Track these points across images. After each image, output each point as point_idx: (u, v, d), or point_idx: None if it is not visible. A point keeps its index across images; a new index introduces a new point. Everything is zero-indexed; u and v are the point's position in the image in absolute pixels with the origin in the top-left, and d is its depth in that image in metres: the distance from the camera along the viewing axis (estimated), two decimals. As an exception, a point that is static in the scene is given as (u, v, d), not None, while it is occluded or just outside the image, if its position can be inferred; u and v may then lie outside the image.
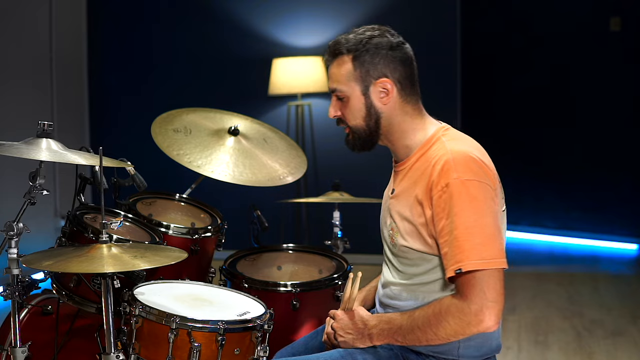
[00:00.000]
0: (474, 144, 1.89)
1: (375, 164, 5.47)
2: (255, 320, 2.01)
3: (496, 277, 1.74)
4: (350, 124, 1.94)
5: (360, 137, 1.94)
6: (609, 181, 6.14)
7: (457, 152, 1.81)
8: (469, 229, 1.73)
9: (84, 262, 1.88)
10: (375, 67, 1.88)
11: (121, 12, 5.89)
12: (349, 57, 1.89)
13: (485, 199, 1.76)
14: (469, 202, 1.75)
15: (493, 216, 1.77)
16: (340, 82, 1.91)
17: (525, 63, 6.39)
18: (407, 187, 1.90)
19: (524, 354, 3.81)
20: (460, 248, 1.74)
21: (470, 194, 1.75)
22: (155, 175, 3.20)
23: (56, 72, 5.39)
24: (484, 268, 1.72)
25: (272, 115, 5.55)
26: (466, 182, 1.76)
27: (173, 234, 2.56)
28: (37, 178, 2.03)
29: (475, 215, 1.74)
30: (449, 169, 1.77)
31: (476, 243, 1.73)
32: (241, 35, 5.62)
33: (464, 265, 1.73)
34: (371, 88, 1.89)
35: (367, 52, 1.87)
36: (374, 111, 1.90)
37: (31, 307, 2.44)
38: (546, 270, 5.57)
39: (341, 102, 1.93)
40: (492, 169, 1.84)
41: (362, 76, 1.89)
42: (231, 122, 2.98)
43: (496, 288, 1.74)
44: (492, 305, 1.73)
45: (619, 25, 5.96)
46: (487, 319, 1.74)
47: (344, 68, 1.90)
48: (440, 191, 1.77)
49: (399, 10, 5.37)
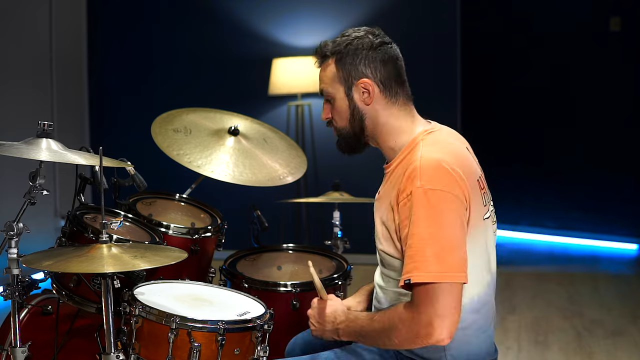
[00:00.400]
0: (453, 149, 1.84)
1: (375, 164, 5.46)
2: (255, 320, 2.01)
3: (449, 291, 1.67)
4: (338, 126, 1.95)
5: (346, 138, 1.95)
6: (609, 181, 6.14)
7: (427, 159, 1.76)
8: (424, 240, 1.69)
9: (84, 262, 1.88)
10: (356, 67, 1.88)
11: (121, 12, 5.89)
12: (332, 60, 1.90)
13: (447, 210, 1.71)
14: (428, 212, 1.70)
15: (453, 228, 1.71)
16: (327, 84, 1.93)
17: (525, 63, 6.39)
18: (387, 190, 1.88)
19: (524, 354, 3.81)
20: (411, 258, 1.70)
21: (430, 203, 1.70)
22: (155, 175, 3.20)
23: (56, 72, 5.39)
24: (433, 281, 1.67)
25: (272, 115, 5.55)
26: (428, 191, 1.71)
27: (173, 234, 2.56)
28: (37, 178, 2.03)
29: (433, 227, 1.69)
30: (414, 176, 1.74)
31: (428, 255, 1.68)
32: (241, 35, 5.62)
33: (413, 277, 1.69)
34: (353, 89, 1.89)
35: (348, 54, 1.88)
36: (357, 112, 1.90)
37: (31, 307, 2.44)
38: (546, 270, 5.57)
39: (330, 105, 1.95)
40: (465, 180, 1.77)
41: (345, 77, 1.89)
42: (231, 122, 2.98)
43: (447, 302, 1.67)
44: (442, 319, 1.67)
45: (619, 25, 5.96)
46: (436, 332, 1.67)
47: (329, 70, 1.91)
48: (405, 198, 1.74)
49: (399, 10, 5.37)
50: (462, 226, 1.74)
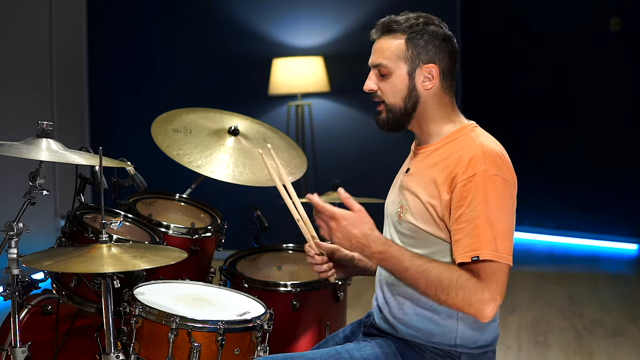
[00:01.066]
0: (499, 144, 1.93)
1: (375, 164, 5.49)
2: (255, 320, 2.01)
3: (506, 273, 1.77)
4: (388, 101, 1.94)
5: (395, 116, 1.95)
6: (609, 181, 6.14)
7: (487, 147, 1.85)
8: (489, 220, 1.77)
9: (84, 262, 1.89)
10: (428, 52, 1.92)
11: (121, 12, 5.89)
12: (402, 36, 1.93)
13: (506, 196, 1.81)
14: (493, 195, 1.79)
15: (511, 214, 1.82)
16: (388, 58, 1.93)
17: (525, 63, 6.39)
18: (424, 167, 1.92)
19: (524, 354, 3.81)
20: (479, 237, 1.76)
21: (495, 187, 1.79)
22: (155, 175, 3.20)
23: (56, 72, 5.39)
24: (499, 260, 1.75)
25: (272, 115, 5.55)
26: (493, 176, 1.80)
27: (173, 234, 2.56)
28: (37, 178, 2.03)
29: (496, 209, 1.78)
30: (477, 160, 1.81)
31: (495, 235, 1.76)
32: (241, 35, 5.62)
33: (482, 254, 1.75)
34: (417, 71, 1.92)
35: (422, 37, 1.92)
36: (415, 94, 1.93)
37: (31, 307, 2.44)
38: (546, 270, 5.57)
39: (381, 78, 1.95)
40: (513, 171, 1.88)
41: (412, 57, 1.92)
42: (231, 122, 2.98)
43: (504, 284, 1.76)
44: (498, 297, 1.74)
45: (619, 25, 5.96)
46: (490, 310, 1.74)
47: (395, 45, 1.93)
48: (466, 180, 1.80)
49: (399, 10, 5.32)
50: (514, 213, 1.85)
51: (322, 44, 5.47)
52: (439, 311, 1.88)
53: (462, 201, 1.80)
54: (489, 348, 1.94)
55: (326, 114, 5.50)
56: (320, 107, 5.46)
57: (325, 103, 5.47)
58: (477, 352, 1.92)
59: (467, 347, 1.90)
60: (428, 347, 1.90)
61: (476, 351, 1.91)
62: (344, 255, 2.07)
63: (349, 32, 5.45)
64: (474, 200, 1.78)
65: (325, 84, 5.26)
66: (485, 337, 1.92)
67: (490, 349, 1.95)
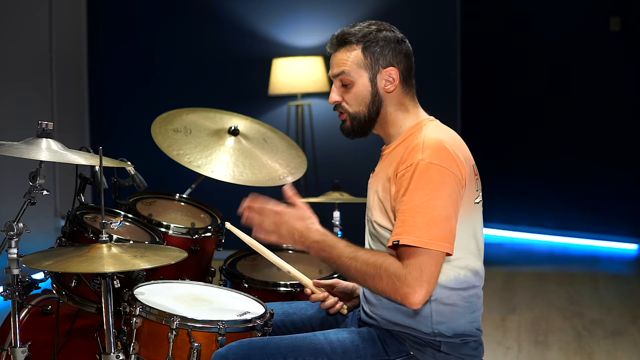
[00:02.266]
0: (453, 135, 1.96)
1: (374, 164, 5.48)
2: (255, 320, 2.01)
3: (434, 260, 1.79)
4: (351, 110, 2.01)
5: (360, 123, 2.02)
6: (609, 181, 6.14)
7: (430, 137, 1.89)
8: (417, 207, 1.80)
9: (84, 262, 1.89)
10: (385, 57, 1.97)
11: (121, 12, 5.89)
12: (358, 47, 1.98)
13: (442, 184, 1.82)
14: (425, 183, 1.82)
15: (446, 201, 1.82)
16: (349, 68, 1.98)
17: (525, 63, 6.39)
18: (383, 167, 1.99)
19: (524, 354, 3.81)
20: (403, 222, 1.81)
21: (429, 175, 1.82)
22: (155, 175, 3.20)
23: (56, 72, 5.39)
24: (422, 246, 1.77)
25: (272, 115, 5.55)
26: (428, 164, 1.83)
27: (173, 234, 2.56)
28: (37, 178, 2.04)
29: (427, 197, 1.80)
30: (417, 150, 1.86)
31: (419, 222, 1.79)
32: (241, 35, 5.62)
33: (402, 239, 1.79)
34: (378, 76, 1.98)
35: (377, 44, 1.97)
36: (378, 99, 1.99)
37: (31, 307, 2.44)
38: (546, 270, 5.57)
39: (344, 89, 2.01)
40: (464, 162, 1.89)
41: (371, 64, 1.98)
42: (231, 122, 2.98)
43: (431, 270, 1.78)
44: (425, 284, 1.77)
45: (619, 25, 5.96)
46: (416, 294, 1.77)
47: (353, 55, 1.98)
48: (404, 169, 1.86)
49: (399, 10, 5.37)
50: (456, 201, 1.85)
51: (322, 44, 5.46)
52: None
53: (401, 190, 1.85)
54: (471, 338, 1.95)
55: (326, 114, 5.49)
56: (320, 107, 5.46)
57: (325, 103, 5.46)
58: (457, 342, 1.93)
59: (445, 337, 1.92)
60: (408, 336, 1.93)
61: (456, 340, 1.93)
62: (343, 287, 2.18)
63: (349, 32, 5.45)
64: (407, 188, 1.83)
65: (325, 84, 5.26)
66: (459, 326, 1.93)
67: (471, 339, 1.95)
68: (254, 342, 1.90)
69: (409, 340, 1.93)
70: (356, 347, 1.92)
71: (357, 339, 1.94)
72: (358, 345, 1.93)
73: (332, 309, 2.15)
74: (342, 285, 2.18)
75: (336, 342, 1.92)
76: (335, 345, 1.92)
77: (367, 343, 1.93)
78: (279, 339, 1.93)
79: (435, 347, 1.92)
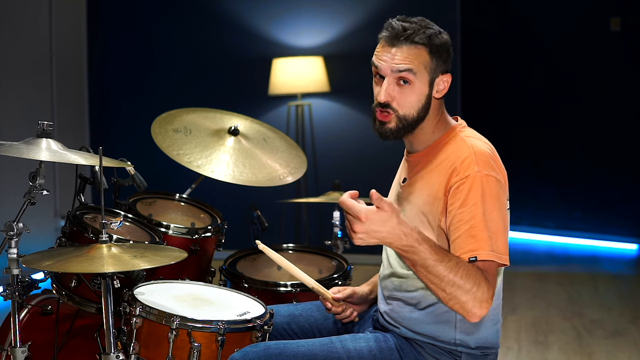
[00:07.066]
0: (489, 143, 1.95)
1: (375, 164, 5.49)
2: (255, 320, 2.01)
3: (496, 274, 1.80)
4: (402, 112, 1.89)
5: (405, 126, 1.91)
6: (609, 181, 6.14)
7: (478, 148, 1.87)
8: (485, 220, 1.77)
9: (84, 262, 1.89)
10: (445, 62, 1.94)
11: (121, 12, 5.89)
12: (425, 48, 1.90)
13: (499, 196, 1.82)
14: (486, 196, 1.79)
15: (503, 212, 1.82)
16: (415, 67, 1.89)
17: (525, 63, 6.39)
18: (421, 176, 1.92)
19: (524, 354, 3.81)
20: (475, 237, 1.76)
21: (489, 187, 1.80)
22: (155, 175, 3.20)
23: (56, 72, 5.39)
24: (495, 260, 1.75)
25: (272, 115, 5.55)
26: (486, 176, 1.81)
27: (173, 234, 2.56)
28: (37, 178, 2.04)
29: (491, 209, 1.79)
30: (470, 162, 1.82)
31: (488, 235, 1.76)
32: (241, 35, 5.62)
33: (480, 254, 1.75)
34: (436, 80, 1.93)
35: (442, 47, 1.92)
36: (428, 103, 1.93)
37: (31, 307, 2.44)
38: (546, 270, 5.57)
39: (398, 88, 1.90)
40: (504, 169, 1.89)
41: (435, 68, 1.92)
42: (231, 122, 2.98)
43: (494, 283, 1.78)
44: (490, 299, 1.73)
45: (619, 25, 5.96)
46: (483, 309, 1.72)
47: (422, 56, 1.90)
48: (459, 181, 1.81)
49: (399, 10, 5.31)
50: (508, 212, 1.87)
51: (322, 44, 5.46)
52: (437, 313, 1.88)
53: (457, 202, 1.80)
54: (491, 350, 1.95)
55: (326, 114, 5.50)
56: (320, 107, 5.46)
57: (325, 103, 5.47)
58: (478, 354, 1.92)
59: (467, 347, 1.90)
60: (428, 344, 1.91)
61: (477, 352, 1.91)
62: (359, 295, 2.14)
63: (349, 32, 5.45)
64: (468, 201, 1.78)
65: (325, 84, 5.26)
66: (483, 337, 1.92)
67: (492, 351, 1.95)
68: (270, 349, 1.89)
69: (427, 348, 1.91)
70: (373, 357, 1.91)
71: (374, 348, 1.93)
72: (375, 355, 1.91)
73: (347, 319, 2.13)
74: (359, 294, 2.14)
75: (353, 351, 1.91)
76: (352, 354, 1.90)
77: (384, 353, 1.92)
78: (295, 346, 1.91)
79: (455, 356, 1.90)
